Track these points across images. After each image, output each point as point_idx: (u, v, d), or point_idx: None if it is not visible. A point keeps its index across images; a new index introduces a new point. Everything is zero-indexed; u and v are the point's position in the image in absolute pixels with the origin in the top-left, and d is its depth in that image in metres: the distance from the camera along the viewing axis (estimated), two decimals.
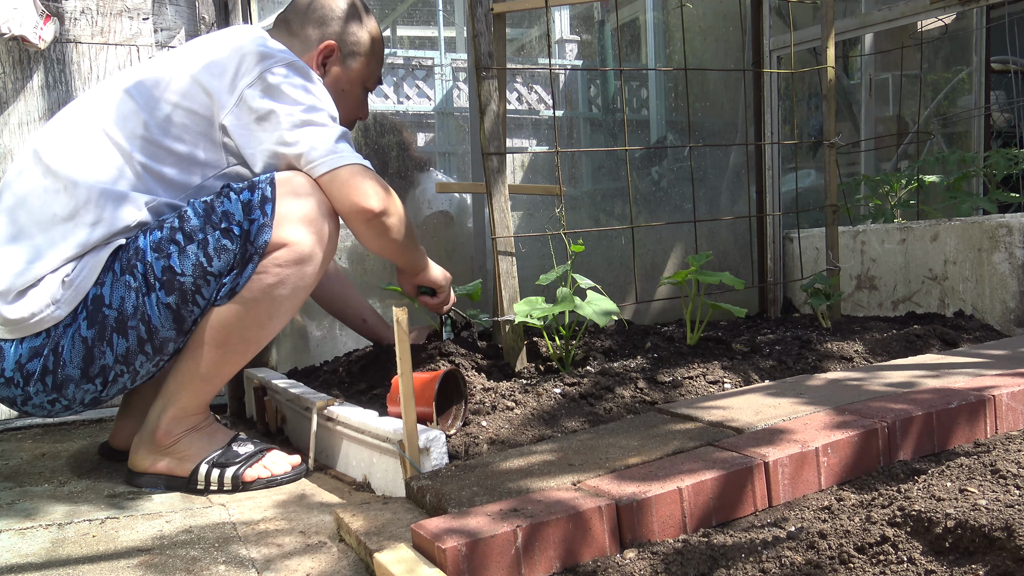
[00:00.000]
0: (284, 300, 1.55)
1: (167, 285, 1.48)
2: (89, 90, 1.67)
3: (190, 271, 1.48)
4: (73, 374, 1.50)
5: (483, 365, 1.88)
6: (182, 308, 1.50)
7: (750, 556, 1.04)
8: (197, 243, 1.49)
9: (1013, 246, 2.27)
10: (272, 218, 1.50)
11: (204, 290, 1.50)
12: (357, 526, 1.22)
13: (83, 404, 1.56)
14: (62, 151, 1.54)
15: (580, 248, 1.87)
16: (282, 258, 1.52)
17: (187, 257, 1.48)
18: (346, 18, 1.82)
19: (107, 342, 1.49)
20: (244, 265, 1.51)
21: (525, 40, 2.94)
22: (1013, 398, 1.48)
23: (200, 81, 1.57)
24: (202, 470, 1.57)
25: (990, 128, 3.41)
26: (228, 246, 1.49)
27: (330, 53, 1.80)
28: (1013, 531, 0.91)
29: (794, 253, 2.87)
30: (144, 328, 1.49)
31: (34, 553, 1.26)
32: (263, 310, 1.53)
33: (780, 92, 2.87)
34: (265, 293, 1.52)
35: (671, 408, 1.58)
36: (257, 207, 1.50)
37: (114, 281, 1.49)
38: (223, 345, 1.53)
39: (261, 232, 1.50)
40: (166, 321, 1.50)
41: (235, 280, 1.51)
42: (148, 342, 1.51)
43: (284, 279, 1.53)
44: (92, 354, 1.49)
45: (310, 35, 1.80)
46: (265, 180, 1.53)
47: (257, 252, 1.50)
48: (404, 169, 2.65)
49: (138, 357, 1.52)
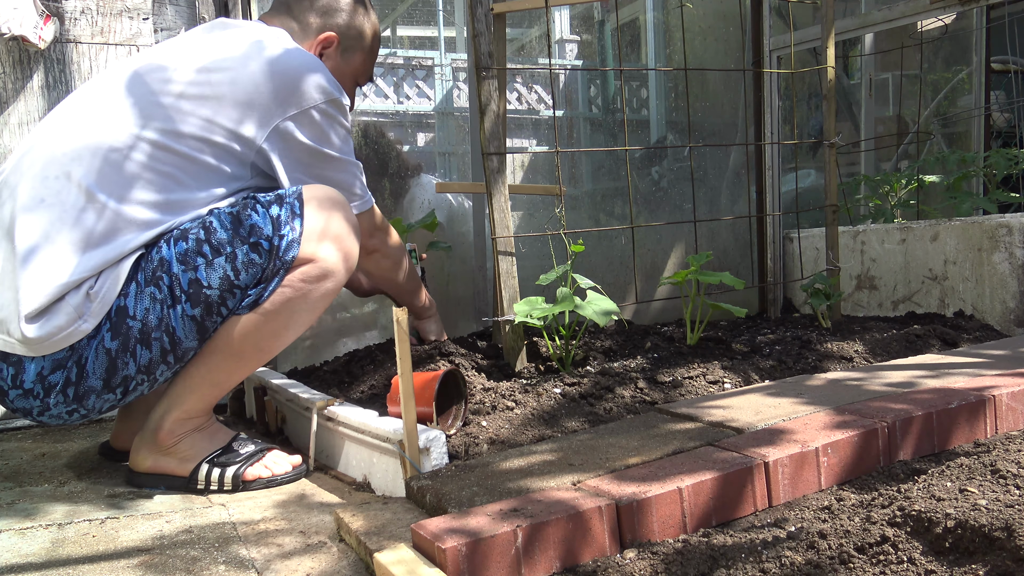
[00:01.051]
0: (303, 313, 1.55)
1: (193, 298, 1.47)
2: (96, 83, 1.61)
3: (217, 284, 1.48)
4: (95, 385, 1.49)
5: (483, 365, 1.88)
6: (206, 319, 1.49)
7: (750, 556, 1.04)
8: (225, 256, 1.48)
9: (1013, 246, 2.27)
10: (301, 234, 1.50)
11: (229, 302, 1.50)
12: (357, 526, 1.22)
13: (100, 413, 1.55)
14: (87, 165, 1.47)
15: (580, 248, 1.87)
16: (307, 273, 1.52)
17: (214, 270, 1.47)
18: (350, 12, 1.82)
19: (131, 353, 1.48)
20: (271, 279, 1.50)
21: (525, 40, 2.94)
22: (1013, 398, 1.48)
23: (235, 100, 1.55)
24: (202, 470, 1.57)
25: (990, 128, 3.41)
26: (256, 260, 1.49)
27: (329, 44, 1.79)
28: (1013, 531, 0.91)
29: (794, 253, 2.87)
30: (168, 339, 1.48)
31: (34, 553, 1.26)
32: (281, 321, 1.53)
33: (780, 92, 2.87)
34: (286, 305, 1.52)
35: (671, 408, 1.58)
36: (286, 222, 1.50)
37: (138, 292, 1.47)
38: (238, 354, 1.53)
39: (290, 248, 1.50)
40: (190, 332, 1.49)
41: (260, 293, 1.50)
42: (171, 352, 1.50)
43: (307, 293, 1.53)
44: (115, 365, 1.48)
45: (311, 22, 1.78)
46: (293, 195, 1.53)
47: (284, 267, 1.50)
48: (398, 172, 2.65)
49: (159, 367, 1.51)
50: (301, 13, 1.78)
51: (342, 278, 1.58)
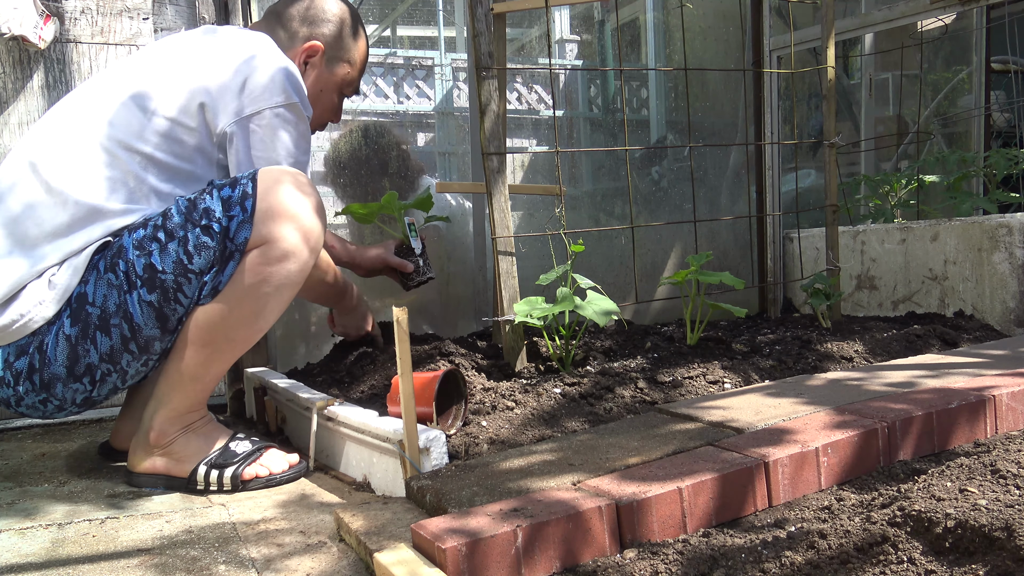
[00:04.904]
0: (269, 298, 1.53)
1: (148, 283, 1.47)
2: (81, 89, 1.66)
3: (171, 268, 1.47)
4: (59, 372, 1.50)
5: (483, 365, 1.88)
6: (164, 306, 1.49)
7: (750, 556, 1.04)
8: (178, 240, 1.48)
9: (1013, 246, 2.27)
10: (252, 215, 1.48)
11: (186, 288, 1.49)
12: (357, 526, 1.22)
13: (76, 404, 1.56)
14: (56, 163, 1.54)
15: (580, 248, 1.87)
16: (264, 255, 1.49)
17: (168, 255, 1.47)
18: (338, 23, 1.86)
19: (91, 340, 1.49)
20: (225, 263, 1.49)
21: (525, 40, 2.94)
22: (1013, 398, 1.48)
23: (199, 98, 1.59)
24: (200, 471, 1.57)
25: (990, 128, 3.41)
26: (208, 243, 1.48)
27: (314, 53, 1.82)
28: (1013, 531, 0.91)
29: (794, 253, 2.87)
30: (127, 326, 1.49)
31: (34, 553, 1.26)
32: (247, 309, 1.52)
33: (780, 92, 2.87)
34: (248, 291, 1.50)
35: (671, 408, 1.58)
36: (237, 203, 1.49)
37: (97, 279, 1.49)
38: (209, 344, 1.52)
39: (241, 229, 1.48)
40: (148, 319, 1.49)
41: (216, 278, 1.49)
42: (132, 340, 1.50)
43: (267, 277, 1.50)
44: (76, 352, 1.49)
45: (298, 31, 1.82)
46: (247, 176, 1.52)
47: (238, 249, 1.49)
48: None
49: (123, 356, 1.51)
50: (289, 22, 1.83)
51: (306, 258, 1.54)
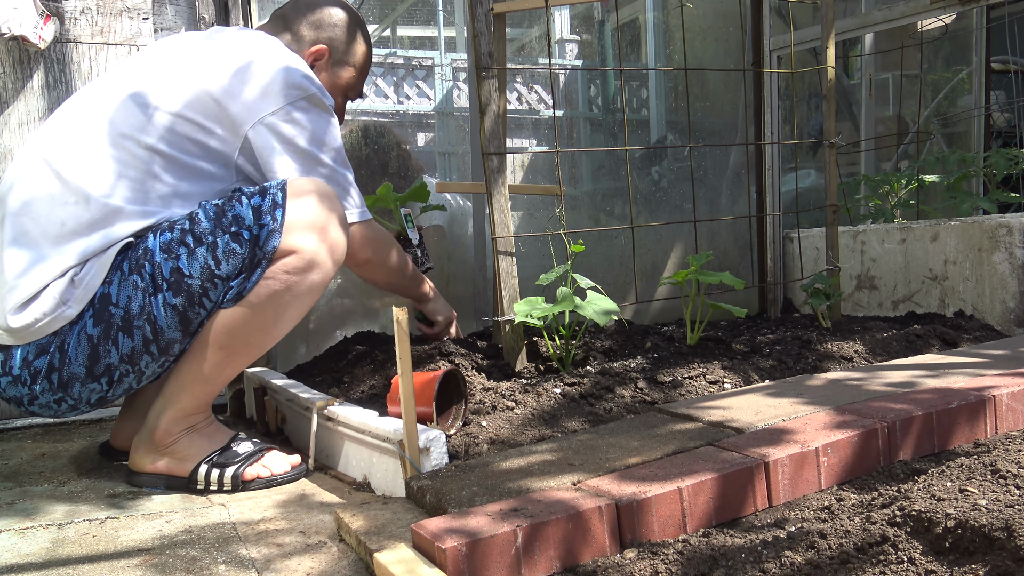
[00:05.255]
0: (289, 306, 1.55)
1: (174, 286, 1.48)
2: (92, 84, 1.67)
3: (198, 273, 1.49)
4: (79, 372, 1.50)
5: (483, 365, 1.88)
6: (188, 310, 1.50)
7: (750, 556, 1.04)
8: (207, 246, 1.49)
9: (1013, 246, 2.27)
10: (282, 224, 1.51)
11: (211, 293, 1.50)
12: (357, 526, 1.22)
13: (89, 404, 1.56)
14: (74, 161, 1.54)
15: (580, 248, 1.87)
16: (290, 265, 1.52)
17: (196, 259, 1.49)
18: (344, 28, 1.88)
19: (113, 341, 1.49)
20: (252, 270, 1.51)
21: (525, 40, 2.94)
22: (1013, 398, 1.48)
23: (213, 98, 1.59)
24: (201, 470, 1.57)
25: (990, 128, 3.41)
26: (237, 250, 1.49)
27: (320, 56, 1.85)
28: (1013, 531, 0.91)
29: (794, 253, 2.87)
30: (150, 328, 1.49)
31: (34, 553, 1.26)
32: (268, 315, 1.53)
33: (780, 92, 2.87)
34: (271, 298, 1.52)
35: (671, 408, 1.58)
36: (268, 212, 1.51)
37: (122, 280, 1.49)
38: (226, 348, 1.53)
39: (271, 238, 1.50)
40: (172, 322, 1.50)
41: (242, 284, 1.51)
42: (153, 342, 1.51)
43: (291, 285, 1.53)
44: (97, 353, 1.49)
45: (304, 35, 1.84)
46: (277, 186, 1.54)
47: (266, 257, 1.50)
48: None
49: (143, 357, 1.52)
50: (295, 25, 1.85)
51: (329, 270, 1.58)
